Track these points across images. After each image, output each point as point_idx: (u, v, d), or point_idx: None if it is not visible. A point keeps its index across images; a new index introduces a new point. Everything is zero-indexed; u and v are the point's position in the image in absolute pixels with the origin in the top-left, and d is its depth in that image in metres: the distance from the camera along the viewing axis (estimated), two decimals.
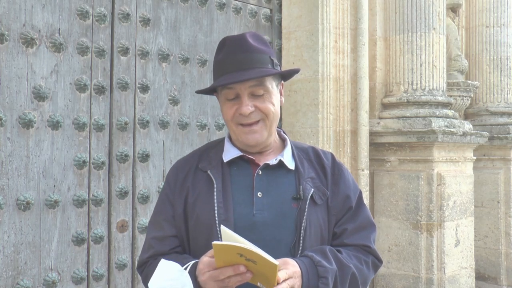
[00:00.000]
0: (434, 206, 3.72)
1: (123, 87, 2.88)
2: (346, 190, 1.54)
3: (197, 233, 1.48)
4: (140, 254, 1.59)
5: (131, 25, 2.94)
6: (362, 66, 3.78)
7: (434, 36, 3.90)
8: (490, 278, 4.90)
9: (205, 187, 1.48)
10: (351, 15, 3.76)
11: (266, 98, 1.45)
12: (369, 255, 1.53)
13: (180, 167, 1.58)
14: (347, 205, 1.53)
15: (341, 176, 1.55)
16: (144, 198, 2.94)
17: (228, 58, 1.45)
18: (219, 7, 3.37)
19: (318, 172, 1.54)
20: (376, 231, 1.59)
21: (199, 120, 3.22)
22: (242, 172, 1.51)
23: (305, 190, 1.46)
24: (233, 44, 1.46)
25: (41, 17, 2.61)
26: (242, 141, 1.48)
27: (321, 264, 1.37)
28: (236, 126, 1.47)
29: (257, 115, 1.45)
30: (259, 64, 1.44)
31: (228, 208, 1.44)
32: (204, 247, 1.42)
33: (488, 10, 5.00)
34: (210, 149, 1.59)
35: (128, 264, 2.88)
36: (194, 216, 1.48)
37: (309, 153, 1.58)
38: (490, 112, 5.00)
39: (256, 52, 1.45)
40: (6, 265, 2.47)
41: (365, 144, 3.78)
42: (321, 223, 1.48)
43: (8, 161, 2.49)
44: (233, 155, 1.52)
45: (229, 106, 1.46)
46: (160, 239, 1.51)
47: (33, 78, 2.57)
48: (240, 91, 1.44)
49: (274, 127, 1.51)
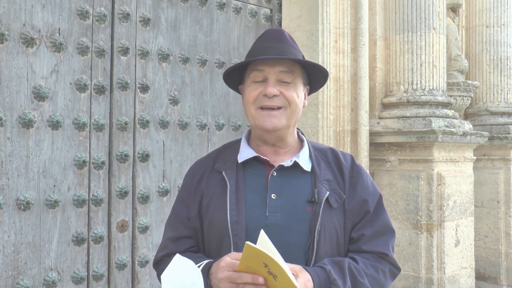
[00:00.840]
0: (434, 206, 3.72)
1: (123, 87, 2.88)
2: (363, 193, 1.50)
3: (210, 235, 1.48)
4: (156, 252, 1.62)
5: (131, 25, 2.94)
6: (362, 66, 3.78)
7: (434, 36, 3.90)
8: (490, 278, 4.90)
9: (219, 189, 1.49)
10: (351, 15, 3.76)
11: (292, 87, 1.46)
12: (386, 264, 1.50)
13: (196, 169, 1.59)
14: (364, 209, 1.49)
15: (359, 180, 1.52)
16: (144, 198, 2.94)
17: (263, 45, 1.48)
18: (219, 7, 3.37)
19: (335, 174, 1.51)
20: (395, 237, 1.55)
21: (199, 120, 3.22)
22: (257, 173, 1.50)
23: (320, 193, 1.44)
24: (270, 34, 1.50)
25: (41, 17, 2.61)
26: (259, 124, 1.46)
27: (335, 284, 1.35)
28: (256, 109, 1.46)
29: (280, 101, 1.44)
30: (292, 55, 1.46)
31: (240, 210, 1.43)
32: (216, 248, 1.44)
33: (488, 10, 5.00)
34: (226, 149, 1.59)
35: (128, 264, 2.88)
36: (208, 218, 1.48)
37: (327, 155, 1.56)
38: (490, 112, 5.00)
39: (291, 45, 1.48)
40: (6, 265, 2.47)
41: (365, 144, 3.78)
42: (336, 227, 1.45)
43: (8, 161, 2.49)
44: (248, 155, 1.51)
45: (254, 88, 1.46)
46: (174, 240, 1.53)
47: (33, 78, 2.58)
48: (268, 75, 1.44)
49: (294, 119, 1.49)
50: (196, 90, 3.22)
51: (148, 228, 2.96)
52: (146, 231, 2.96)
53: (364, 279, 1.41)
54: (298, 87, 1.47)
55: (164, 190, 3.04)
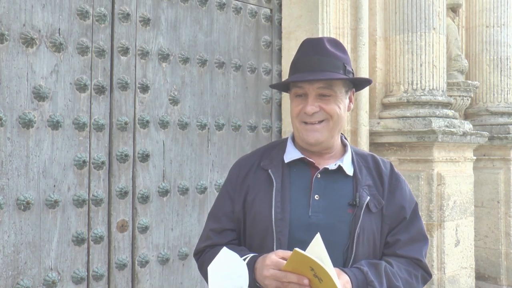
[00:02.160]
0: (434, 206, 3.72)
1: (123, 87, 2.88)
2: (401, 200, 1.56)
3: (253, 230, 1.53)
4: (198, 243, 1.66)
5: (131, 25, 2.94)
6: (362, 66, 3.78)
7: (434, 36, 3.90)
8: (490, 278, 4.90)
9: (264, 186, 1.54)
10: (351, 15, 3.76)
11: (333, 100, 1.49)
12: (419, 269, 1.55)
13: (242, 165, 1.64)
14: (401, 215, 1.55)
15: (398, 186, 1.58)
16: (144, 198, 2.94)
17: (303, 58, 1.51)
18: (219, 7, 3.37)
19: (375, 180, 1.56)
20: (428, 244, 1.61)
21: (199, 120, 3.22)
22: (302, 174, 1.55)
23: (362, 197, 1.49)
24: (310, 46, 1.52)
25: (41, 17, 2.61)
26: (303, 138, 1.52)
27: (372, 285, 1.40)
28: (299, 123, 1.52)
29: (321, 115, 1.49)
30: (331, 68, 1.48)
31: (285, 208, 1.48)
32: (259, 243, 1.50)
33: (488, 10, 5.00)
34: (272, 148, 1.64)
35: (128, 264, 2.88)
36: (252, 213, 1.53)
37: (368, 161, 1.61)
38: (490, 112, 5.00)
39: (330, 57, 1.49)
40: (6, 265, 2.47)
41: (365, 144, 3.78)
42: (374, 231, 1.51)
43: (8, 161, 2.49)
44: (294, 156, 1.56)
45: (296, 103, 1.52)
46: (218, 232, 1.59)
47: (33, 78, 2.58)
48: (308, 91, 1.49)
49: (337, 130, 1.54)
50: (196, 90, 3.22)
51: (148, 228, 2.96)
52: (146, 231, 2.96)
53: (398, 282, 1.47)
54: (339, 98, 1.51)
55: (164, 190, 3.04)
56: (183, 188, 3.11)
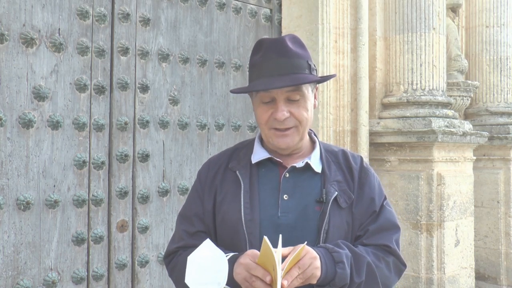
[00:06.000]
0: (434, 206, 3.72)
1: (123, 87, 2.88)
2: (370, 193, 1.54)
3: (222, 231, 1.51)
4: (169, 244, 1.61)
5: (131, 25, 2.94)
6: (362, 66, 3.78)
7: (434, 36, 3.90)
8: (490, 278, 4.90)
9: (233, 187, 1.51)
10: (351, 15, 3.76)
11: (301, 104, 1.46)
12: (389, 255, 1.52)
13: (211, 165, 1.61)
14: (371, 208, 1.52)
15: (367, 180, 1.55)
16: (144, 198, 2.95)
17: (265, 62, 1.45)
18: (219, 7, 3.37)
19: (345, 175, 1.54)
20: (399, 232, 1.57)
21: (199, 120, 3.22)
22: (270, 174, 1.53)
23: (329, 193, 1.47)
24: (271, 47, 1.46)
25: (41, 17, 2.61)
26: (274, 144, 1.49)
27: (335, 251, 1.38)
28: (269, 129, 1.48)
29: (291, 121, 1.46)
30: (297, 70, 1.44)
31: (254, 209, 1.46)
32: (230, 245, 1.46)
33: (488, 10, 4.99)
34: (240, 149, 1.62)
35: (128, 264, 2.89)
36: (221, 214, 1.51)
37: (338, 156, 1.58)
38: (490, 112, 5.00)
39: (294, 57, 1.44)
40: (6, 265, 2.47)
41: (365, 144, 3.78)
42: (345, 227, 1.48)
43: (8, 161, 2.49)
44: (261, 156, 1.54)
45: (264, 110, 1.47)
46: (190, 234, 1.55)
47: (33, 78, 2.58)
48: (276, 96, 1.44)
49: (306, 132, 1.52)
50: (196, 90, 3.22)
51: (148, 228, 2.96)
52: (146, 231, 2.96)
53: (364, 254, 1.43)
54: (307, 98, 1.47)
55: (164, 190, 3.04)
56: (183, 188, 3.11)
